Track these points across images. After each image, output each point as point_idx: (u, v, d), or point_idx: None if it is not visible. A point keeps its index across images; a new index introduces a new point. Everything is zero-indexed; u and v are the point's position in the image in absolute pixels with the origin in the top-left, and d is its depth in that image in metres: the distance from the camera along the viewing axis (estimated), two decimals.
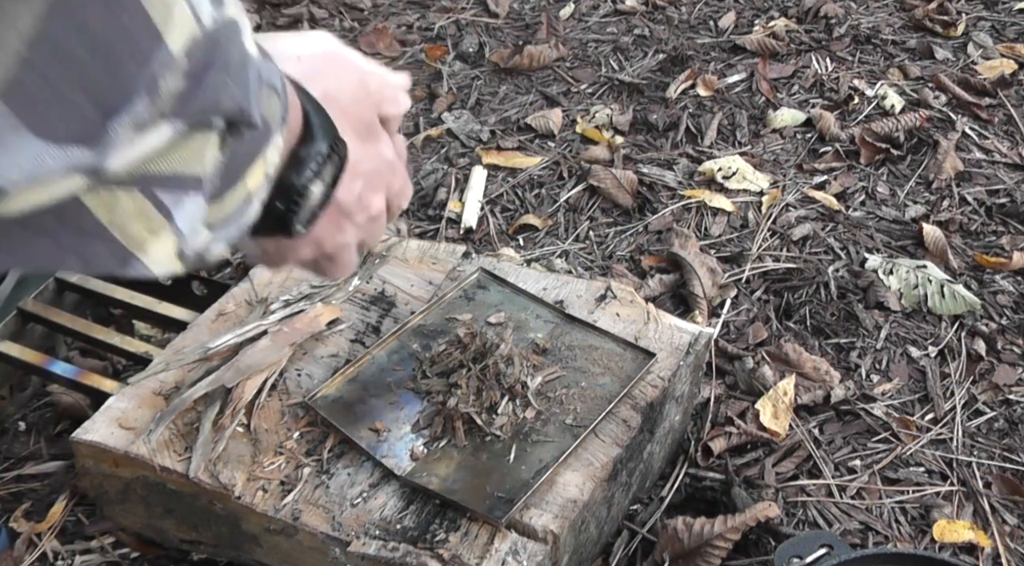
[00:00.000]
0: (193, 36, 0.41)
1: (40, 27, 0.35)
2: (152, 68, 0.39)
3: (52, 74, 0.36)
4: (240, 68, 0.44)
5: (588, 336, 1.08)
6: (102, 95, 0.38)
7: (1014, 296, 1.45)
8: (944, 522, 1.13)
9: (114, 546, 1.11)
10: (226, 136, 0.45)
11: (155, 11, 0.38)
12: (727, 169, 1.70)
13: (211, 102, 0.43)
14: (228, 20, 0.43)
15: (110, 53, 0.38)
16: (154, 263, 0.44)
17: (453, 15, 2.27)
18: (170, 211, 0.43)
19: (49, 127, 0.37)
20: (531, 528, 0.89)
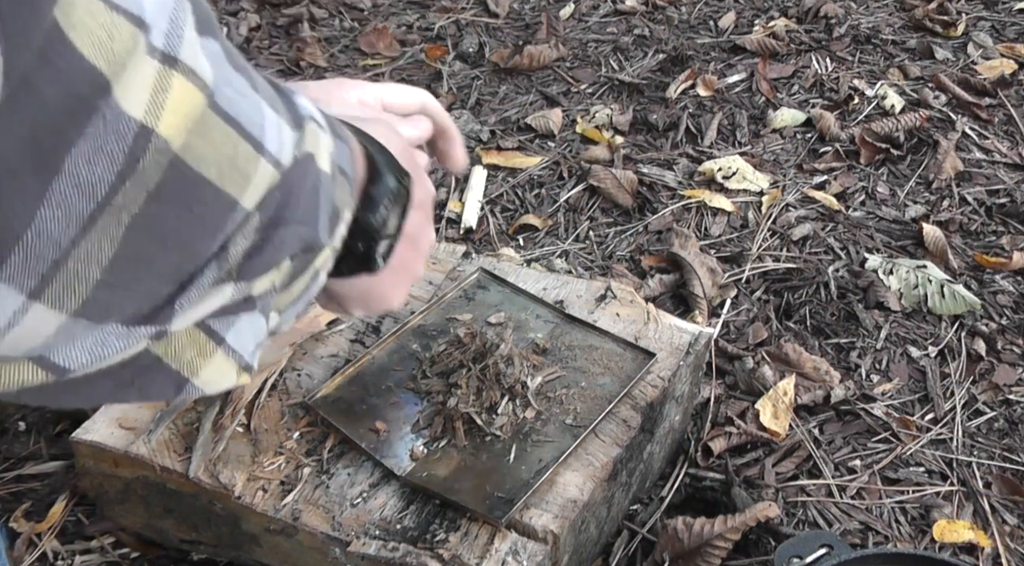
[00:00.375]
0: (270, 185, 0.41)
1: (118, 250, 0.35)
2: (224, 235, 0.40)
3: (126, 280, 0.37)
4: (311, 201, 0.45)
5: (588, 336, 1.08)
6: (172, 279, 0.39)
7: (1014, 296, 1.45)
8: (944, 522, 1.13)
9: (114, 546, 1.11)
10: (289, 263, 0.46)
11: (232, 185, 0.38)
12: (727, 169, 1.70)
13: (277, 257, 0.44)
14: (305, 153, 0.44)
15: (185, 243, 0.38)
16: (205, 384, 0.44)
17: (453, 15, 2.27)
18: (222, 337, 0.44)
19: (117, 315, 0.37)
20: (531, 528, 0.89)
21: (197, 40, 0.36)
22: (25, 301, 0.33)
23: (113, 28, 0.32)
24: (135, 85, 0.33)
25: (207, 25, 0.37)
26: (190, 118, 0.35)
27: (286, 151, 0.42)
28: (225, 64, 0.38)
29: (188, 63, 0.35)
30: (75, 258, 0.34)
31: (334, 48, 2.17)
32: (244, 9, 2.31)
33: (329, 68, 2.09)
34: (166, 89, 0.34)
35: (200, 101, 0.36)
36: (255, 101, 0.40)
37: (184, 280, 0.39)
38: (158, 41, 0.34)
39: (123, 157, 0.33)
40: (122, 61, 0.32)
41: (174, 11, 0.35)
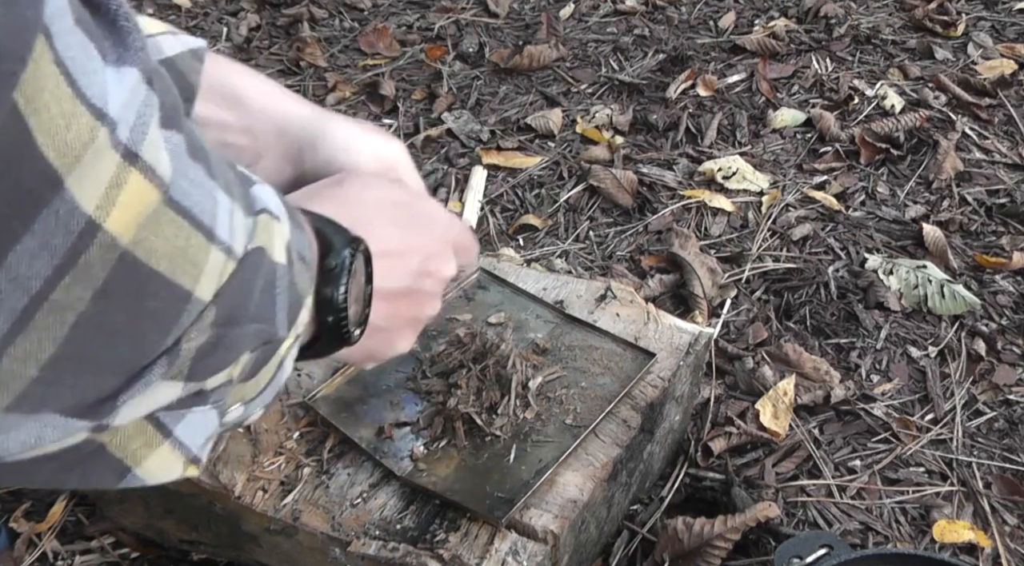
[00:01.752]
0: (222, 274, 0.40)
1: (59, 349, 0.34)
2: (179, 330, 0.39)
3: (66, 376, 0.35)
4: (266, 297, 0.44)
5: (588, 336, 1.08)
6: (118, 373, 0.38)
7: (1014, 296, 1.45)
8: (944, 522, 1.13)
9: (114, 546, 1.11)
10: (249, 356, 0.45)
11: (184, 276, 0.37)
12: (727, 169, 1.70)
13: (230, 357, 0.43)
14: (256, 247, 0.42)
15: (134, 338, 0.37)
16: (148, 475, 0.43)
17: (453, 15, 2.27)
18: (170, 430, 0.43)
19: (54, 406, 0.36)
20: (531, 528, 0.89)
21: (160, 134, 0.35)
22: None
23: (72, 118, 0.30)
24: (91, 179, 0.32)
25: (172, 117, 0.36)
26: (142, 214, 0.34)
27: (238, 238, 0.41)
28: (184, 156, 0.37)
29: (147, 160, 0.34)
30: (9, 356, 0.32)
31: (334, 48, 2.17)
32: (244, 9, 2.31)
33: (329, 68, 2.09)
34: (121, 185, 0.33)
35: (155, 197, 0.35)
36: (209, 189, 0.39)
37: (131, 375, 0.38)
38: (123, 135, 0.33)
39: (65, 251, 0.32)
40: (77, 154, 0.31)
41: (142, 106, 0.34)
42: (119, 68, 0.33)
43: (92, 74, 0.31)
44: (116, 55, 0.33)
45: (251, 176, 0.46)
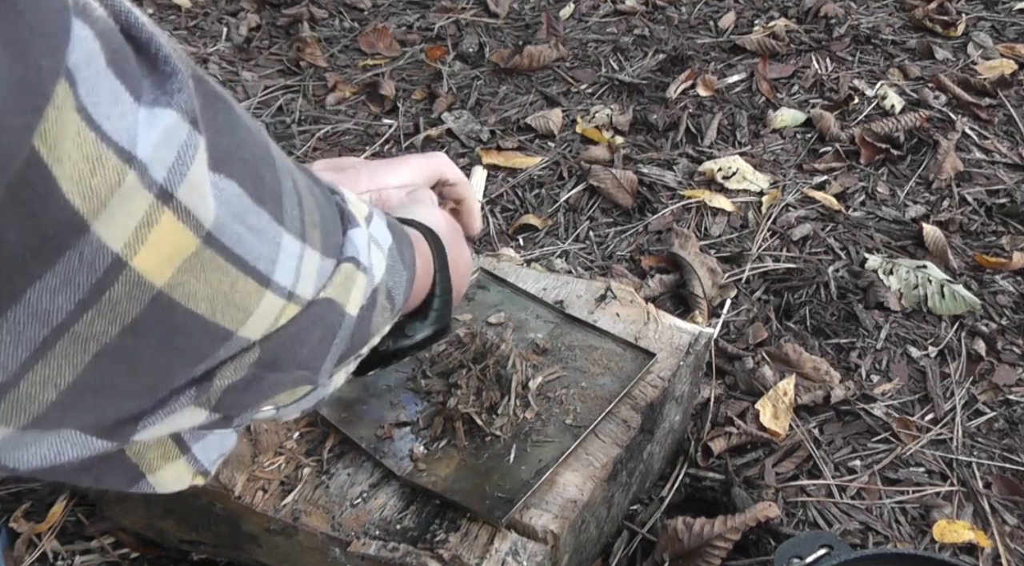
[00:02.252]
0: (278, 316, 0.39)
1: (80, 376, 0.34)
2: (213, 362, 0.38)
3: (86, 401, 0.35)
4: (321, 347, 0.44)
5: (588, 336, 1.08)
6: (141, 399, 0.38)
7: (1014, 296, 1.45)
8: (944, 522, 1.13)
9: (114, 546, 1.11)
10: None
11: (226, 318, 0.37)
12: (727, 169, 1.70)
13: (260, 399, 0.43)
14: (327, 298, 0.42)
15: (160, 370, 0.37)
16: (159, 484, 0.44)
17: (453, 15, 2.27)
18: (188, 447, 0.43)
19: (74, 424, 0.36)
20: (531, 528, 0.89)
21: (207, 179, 0.34)
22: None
23: (97, 162, 0.30)
24: (119, 219, 0.31)
25: (229, 162, 0.36)
26: (178, 256, 0.34)
27: (305, 284, 0.40)
28: (243, 200, 0.36)
29: (184, 201, 0.33)
30: (27, 381, 0.32)
31: (334, 48, 2.17)
32: (244, 9, 2.31)
33: (329, 68, 2.09)
34: (152, 224, 0.32)
35: (191, 241, 0.34)
36: (272, 235, 0.38)
37: (156, 401, 0.38)
38: (158, 175, 0.32)
39: (89, 287, 0.32)
40: (104, 198, 0.30)
41: (183, 146, 0.33)
42: (154, 109, 0.32)
43: (120, 118, 0.31)
44: (153, 96, 0.33)
45: (357, 218, 0.46)
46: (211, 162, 0.35)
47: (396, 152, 1.83)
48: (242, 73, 2.06)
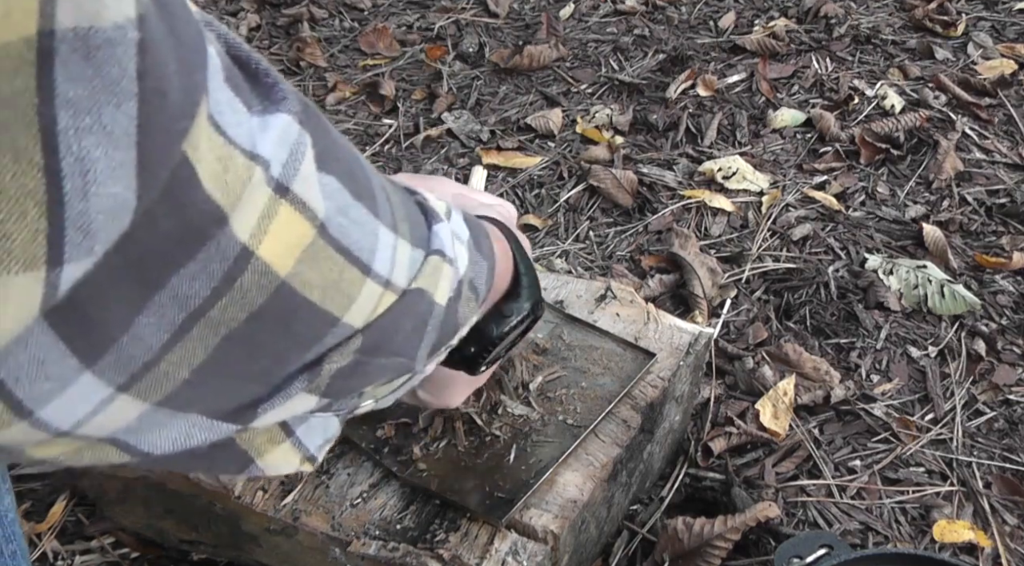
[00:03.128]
0: (377, 305, 0.43)
1: (209, 356, 0.37)
2: (322, 348, 0.41)
3: (213, 381, 0.38)
4: (415, 334, 0.47)
5: (588, 336, 1.08)
6: (261, 383, 0.41)
7: (1014, 296, 1.45)
8: (944, 522, 1.13)
9: (114, 546, 1.11)
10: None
11: (333, 305, 0.40)
12: (727, 169, 1.70)
13: (365, 383, 0.46)
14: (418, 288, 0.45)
15: (277, 355, 0.40)
16: (268, 467, 0.46)
17: (453, 15, 2.27)
18: (293, 430, 0.46)
19: (201, 408, 0.39)
20: (531, 528, 0.89)
21: (315, 175, 0.38)
22: (113, 392, 0.35)
23: (229, 161, 0.33)
24: (247, 212, 0.34)
25: (329, 161, 0.39)
26: (298, 247, 0.37)
27: (399, 273, 0.43)
28: (344, 195, 0.39)
29: (299, 194, 0.36)
30: (166, 361, 0.35)
31: (334, 48, 2.17)
32: (244, 9, 2.31)
33: (329, 68, 2.09)
34: (272, 216, 0.35)
35: (308, 231, 0.37)
36: (371, 228, 0.41)
37: (272, 386, 0.41)
38: (275, 171, 0.35)
39: (221, 275, 0.35)
40: (238, 193, 0.34)
41: (295, 144, 0.36)
42: (265, 116, 0.36)
43: (238, 125, 0.34)
44: (262, 106, 0.36)
45: (439, 213, 0.49)
46: (317, 161, 0.38)
47: (396, 152, 1.83)
48: None
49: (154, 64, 0.29)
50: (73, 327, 0.32)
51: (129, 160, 0.29)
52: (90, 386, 0.34)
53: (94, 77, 0.27)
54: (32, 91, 0.26)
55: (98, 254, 0.30)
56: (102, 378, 0.34)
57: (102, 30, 0.27)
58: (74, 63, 0.26)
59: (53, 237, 0.28)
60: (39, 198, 0.27)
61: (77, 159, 0.27)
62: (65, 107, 0.27)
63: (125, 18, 0.27)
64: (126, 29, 0.27)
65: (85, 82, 0.27)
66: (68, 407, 0.34)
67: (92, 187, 0.28)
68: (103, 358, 0.33)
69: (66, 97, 0.27)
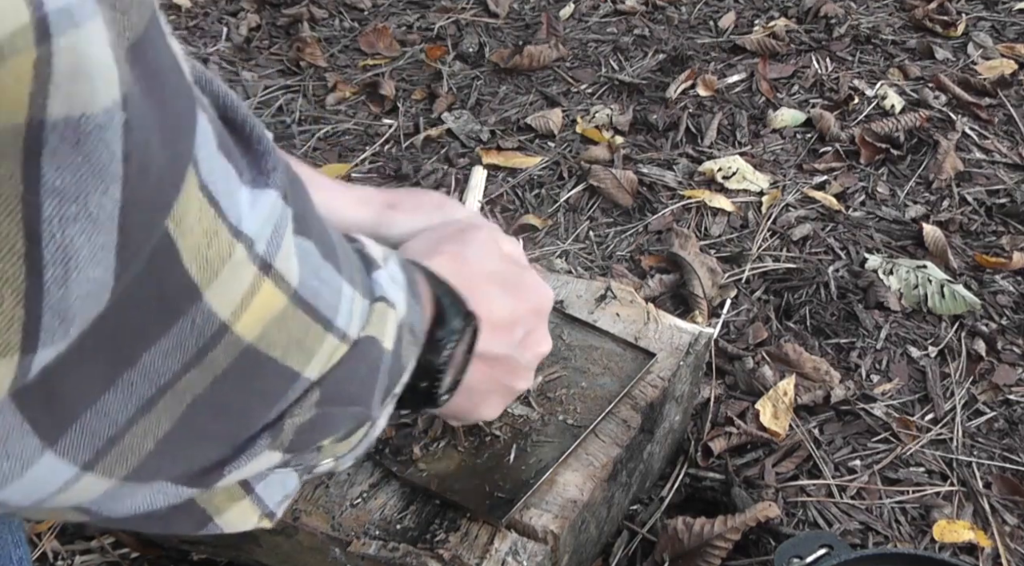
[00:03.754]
0: (331, 357, 0.42)
1: (175, 425, 0.36)
2: (284, 405, 0.41)
3: (179, 448, 0.38)
4: (369, 381, 0.47)
5: (588, 336, 1.08)
6: (225, 445, 0.40)
7: (1014, 296, 1.45)
8: (944, 522, 1.13)
9: (114, 546, 1.11)
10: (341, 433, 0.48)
11: (294, 360, 0.40)
12: (727, 169, 1.70)
13: (326, 434, 0.46)
14: (368, 336, 0.45)
15: (241, 414, 0.40)
16: (226, 524, 0.46)
17: (453, 15, 2.27)
18: (252, 487, 0.46)
19: (166, 475, 0.39)
20: (531, 528, 0.89)
21: (293, 242, 0.38)
22: (78, 472, 0.34)
23: (214, 236, 0.33)
24: (227, 289, 0.34)
25: (303, 223, 0.39)
26: (269, 315, 0.37)
27: (354, 325, 0.43)
28: (315, 257, 0.40)
29: (280, 269, 0.37)
30: (131, 434, 0.35)
31: (334, 48, 2.17)
32: (244, 9, 2.31)
33: (329, 68, 2.09)
34: (255, 292, 0.36)
35: (281, 301, 0.37)
36: (336, 285, 0.41)
37: (237, 446, 0.41)
38: (260, 249, 0.35)
39: (196, 350, 0.34)
40: (216, 268, 0.33)
41: (279, 220, 0.36)
42: (255, 189, 0.36)
43: (230, 195, 0.34)
44: (252, 175, 0.36)
45: (375, 260, 0.49)
46: (295, 227, 0.38)
47: (396, 152, 1.83)
48: (242, 73, 2.06)
49: (138, 142, 0.28)
50: (38, 406, 0.31)
51: (110, 242, 0.28)
52: (53, 466, 0.33)
53: (83, 164, 0.26)
54: (18, 178, 0.25)
55: (72, 336, 0.29)
56: (65, 457, 0.33)
57: (93, 116, 0.26)
58: (63, 152, 0.26)
59: (28, 325, 0.27)
60: (17, 286, 0.26)
61: (60, 247, 0.27)
62: (51, 196, 0.26)
63: (112, 100, 0.27)
64: (113, 112, 0.27)
65: (73, 170, 0.26)
66: (31, 487, 0.33)
67: (73, 273, 0.27)
68: (65, 436, 0.33)
69: (52, 185, 0.26)
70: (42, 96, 0.25)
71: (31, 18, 0.24)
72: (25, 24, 0.24)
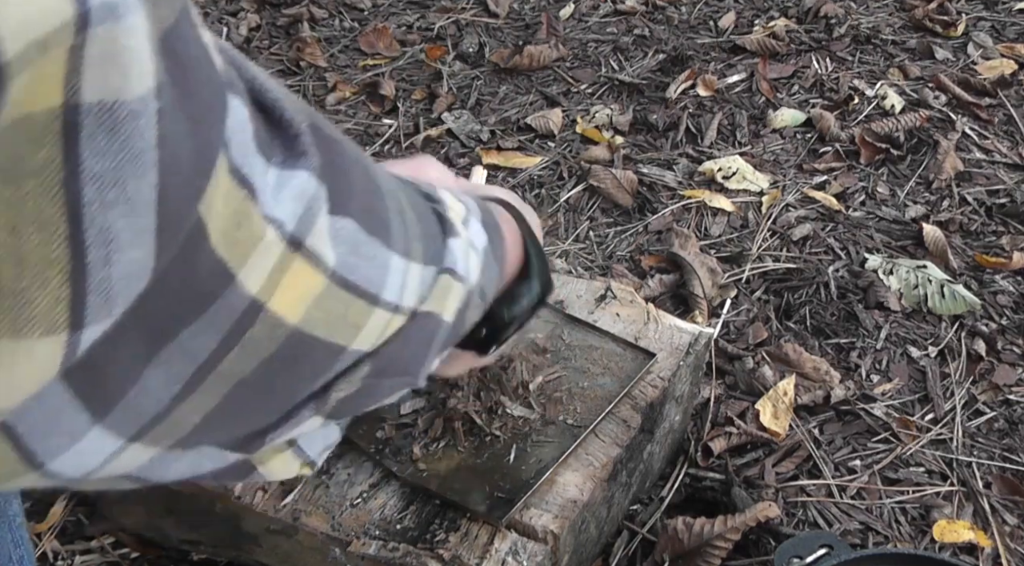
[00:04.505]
0: (384, 329, 0.43)
1: (220, 402, 0.37)
2: (329, 376, 0.42)
3: (224, 423, 0.39)
4: (420, 353, 0.48)
5: (588, 336, 1.08)
6: (269, 416, 0.41)
7: (1014, 296, 1.45)
8: (944, 522, 1.13)
9: (114, 546, 1.11)
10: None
11: (340, 336, 0.40)
12: (727, 169, 1.70)
13: (370, 402, 0.47)
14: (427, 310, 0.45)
15: (286, 390, 0.41)
16: (269, 473, 0.47)
17: (453, 15, 2.27)
18: (295, 439, 0.47)
19: (211, 441, 0.40)
20: (531, 528, 0.89)
21: (328, 221, 0.38)
22: (124, 443, 0.35)
23: (244, 218, 0.33)
24: (257, 268, 0.35)
25: (342, 203, 0.39)
26: (309, 295, 0.37)
27: (409, 297, 0.44)
28: (358, 234, 0.40)
29: (312, 248, 0.37)
30: (177, 411, 0.36)
31: (334, 48, 2.17)
32: (244, 9, 2.31)
33: (329, 68, 2.09)
34: (284, 270, 0.36)
35: (320, 281, 0.38)
36: (382, 260, 0.41)
37: (280, 417, 0.42)
38: (289, 227, 0.36)
39: (228, 328, 0.35)
40: (247, 251, 0.34)
41: (312, 199, 0.37)
42: (285, 170, 0.36)
43: (261, 176, 0.34)
44: (282, 157, 0.36)
45: (455, 225, 0.49)
46: (331, 206, 0.38)
47: (396, 152, 1.83)
48: None
49: (170, 130, 0.29)
50: (86, 383, 0.32)
51: (149, 226, 0.29)
52: (100, 439, 0.34)
53: (120, 151, 0.27)
54: (59, 163, 0.26)
55: (116, 315, 0.30)
56: (111, 431, 0.34)
57: (127, 103, 0.27)
58: (100, 137, 0.27)
59: (75, 304, 0.28)
60: (63, 266, 0.27)
61: (101, 230, 0.28)
62: (91, 181, 0.27)
63: (147, 89, 0.28)
64: (147, 100, 0.28)
65: (111, 156, 0.27)
66: (79, 459, 0.34)
67: (115, 255, 0.29)
68: (112, 412, 0.34)
69: (92, 171, 0.27)
70: (76, 77, 0.25)
71: (74, 13, 0.25)
72: (68, 20, 0.25)
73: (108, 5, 0.25)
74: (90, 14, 0.25)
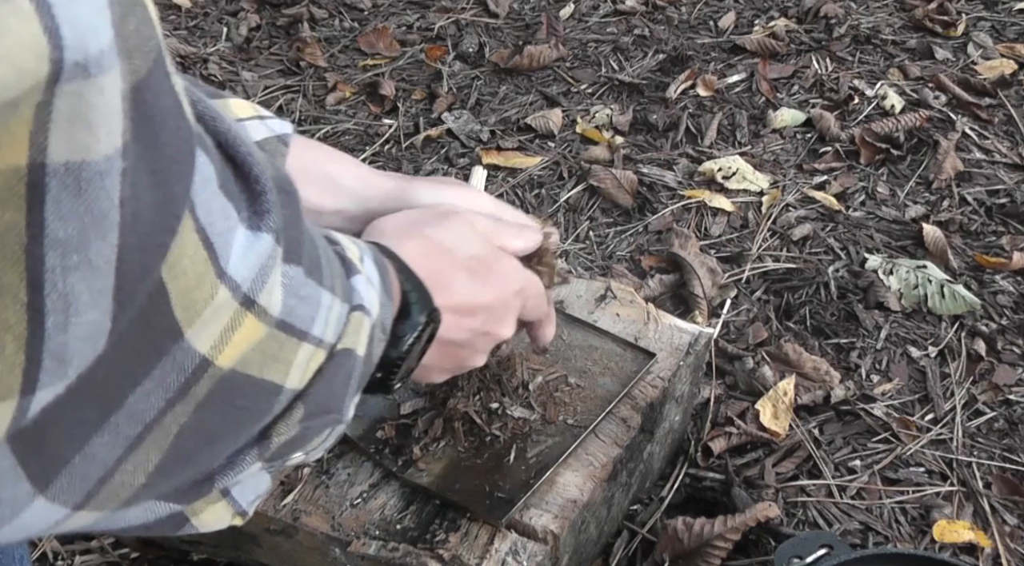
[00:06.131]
0: (310, 366, 0.43)
1: (164, 456, 0.37)
2: (269, 418, 0.42)
3: (169, 475, 0.39)
4: (342, 390, 0.48)
5: (588, 336, 1.08)
6: (214, 463, 0.42)
7: (1014, 296, 1.45)
8: (944, 522, 1.13)
9: (114, 546, 1.11)
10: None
11: (273, 373, 0.40)
12: (727, 169, 1.70)
13: (305, 445, 0.47)
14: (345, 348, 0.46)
15: (228, 433, 0.41)
16: (202, 525, 0.47)
17: (453, 15, 2.27)
18: (228, 490, 0.46)
19: (156, 495, 0.40)
20: (531, 528, 0.89)
21: (280, 272, 0.38)
22: (69, 512, 0.35)
23: (202, 278, 0.33)
24: (208, 327, 0.35)
25: (293, 251, 0.39)
26: (247, 345, 0.37)
27: (331, 332, 0.44)
28: (299, 278, 0.40)
29: (263, 304, 0.37)
30: (121, 471, 0.35)
31: (334, 48, 2.17)
32: (244, 9, 2.31)
33: (329, 68, 2.09)
34: (236, 328, 0.36)
35: (263, 331, 0.38)
36: (316, 297, 0.42)
37: (224, 462, 0.42)
38: (244, 287, 0.36)
39: (178, 387, 0.35)
40: (199, 309, 0.34)
41: (268, 259, 0.37)
42: (251, 231, 0.36)
43: (226, 234, 0.34)
44: (248, 214, 0.36)
45: (354, 263, 0.49)
46: (284, 256, 0.38)
47: (396, 152, 1.83)
48: (242, 73, 2.06)
49: (132, 187, 0.28)
50: (29, 450, 0.31)
51: (108, 286, 0.28)
52: (45, 510, 0.33)
53: (84, 214, 0.26)
54: (21, 228, 0.25)
55: (71, 377, 0.29)
56: (56, 502, 0.33)
57: (93, 163, 0.26)
58: (65, 200, 0.26)
59: (29, 370, 0.27)
60: (19, 333, 0.27)
61: (61, 295, 0.27)
62: (54, 247, 0.26)
63: (114, 149, 0.27)
64: (114, 159, 0.27)
65: (76, 219, 0.26)
66: (20, 529, 0.33)
67: (73, 318, 0.28)
68: (56, 482, 0.33)
69: (56, 237, 0.26)
70: (42, 135, 0.25)
71: (48, 71, 0.24)
72: (42, 79, 0.24)
73: (81, 63, 0.25)
74: (62, 71, 0.24)
